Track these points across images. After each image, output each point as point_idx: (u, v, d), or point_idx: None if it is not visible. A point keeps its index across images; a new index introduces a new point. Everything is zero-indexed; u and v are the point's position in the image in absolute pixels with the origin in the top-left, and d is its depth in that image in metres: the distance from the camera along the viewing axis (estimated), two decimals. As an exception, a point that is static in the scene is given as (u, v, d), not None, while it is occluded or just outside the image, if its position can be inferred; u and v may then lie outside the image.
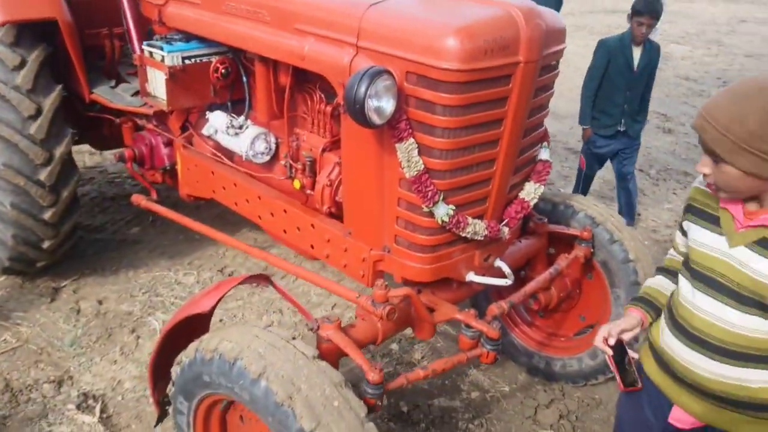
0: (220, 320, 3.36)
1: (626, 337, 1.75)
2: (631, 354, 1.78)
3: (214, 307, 1.91)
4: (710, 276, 1.54)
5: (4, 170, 2.88)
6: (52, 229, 3.14)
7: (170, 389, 2.04)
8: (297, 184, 2.48)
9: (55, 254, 3.34)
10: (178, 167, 3.00)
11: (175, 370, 1.99)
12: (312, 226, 2.43)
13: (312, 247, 2.47)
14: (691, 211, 1.65)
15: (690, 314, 1.59)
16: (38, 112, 2.90)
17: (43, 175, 2.97)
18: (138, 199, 3.16)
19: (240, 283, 1.95)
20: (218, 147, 2.85)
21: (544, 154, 2.32)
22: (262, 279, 2.00)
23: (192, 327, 2.02)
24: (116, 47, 3.30)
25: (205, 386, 1.87)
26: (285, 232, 2.57)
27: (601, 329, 1.77)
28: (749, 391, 1.52)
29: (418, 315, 2.10)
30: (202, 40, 2.67)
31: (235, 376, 1.73)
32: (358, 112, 1.78)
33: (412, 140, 1.90)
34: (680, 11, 13.70)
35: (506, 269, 2.28)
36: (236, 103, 2.84)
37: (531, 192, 2.27)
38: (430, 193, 1.92)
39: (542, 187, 2.30)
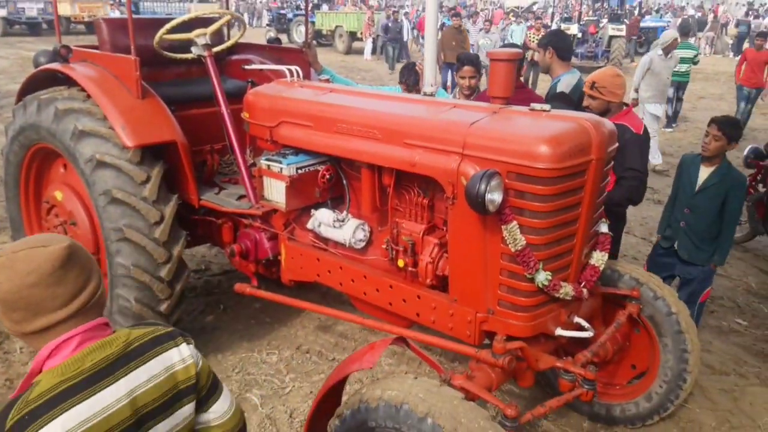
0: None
1: None
2: None
3: (374, 364, 2.36)
4: None
5: (133, 270, 3.35)
6: (165, 320, 3.56)
7: (328, 439, 2.44)
8: (401, 263, 3.00)
9: (161, 342, 3.73)
10: (282, 257, 3.50)
11: (333, 423, 2.40)
12: (418, 297, 2.93)
13: (418, 315, 2.96)
14: None
15: None
16: (161, 218, 3.42)
17: (163, 272, 3.44)
18: (242, 287, 3.64)
19: (390, 344, 2.41)
20: (318, 237, 3.38)
21: (603, 228, 2.90)
22: (401, 341, 2.47)
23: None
24: (215, 160, 3.89)
25: (368, 431, 2.29)
26: (391, 304, 3.06)
27: None
28: None
29: (527, 364, 2.57)
30: (308, 153, 3.26)
31: (403, 418, 2.17)
32: (479, 204, 2.34)
33: (515, 222, 2.45)
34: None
35: (585, 323, 2.79)
36: (332, 201, 3.40)
37: (599, 259, 2.82)
38: (532, 263, 2.46)
39: (606, 254, 2.86)
